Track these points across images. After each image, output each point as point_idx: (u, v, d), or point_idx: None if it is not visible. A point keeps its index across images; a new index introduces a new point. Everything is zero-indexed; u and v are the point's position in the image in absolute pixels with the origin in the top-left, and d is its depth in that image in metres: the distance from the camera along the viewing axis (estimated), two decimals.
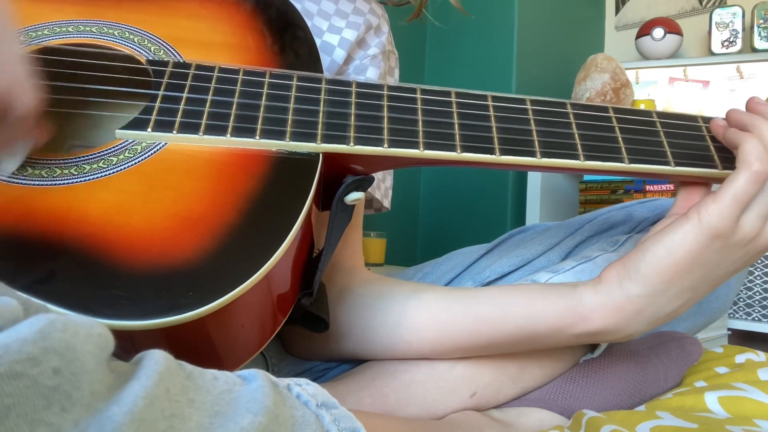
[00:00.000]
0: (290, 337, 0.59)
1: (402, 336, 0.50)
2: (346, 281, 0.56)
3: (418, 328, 0.50)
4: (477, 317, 0.49)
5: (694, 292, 0.45)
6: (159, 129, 0.42)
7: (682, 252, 0.43)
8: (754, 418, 0.47)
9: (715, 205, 0.42)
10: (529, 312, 0.48)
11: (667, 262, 0.43)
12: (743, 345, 0.68)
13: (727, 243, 0.43)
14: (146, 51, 0.48)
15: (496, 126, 0.46)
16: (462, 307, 0.50)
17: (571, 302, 0.47)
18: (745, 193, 0.42)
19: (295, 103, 0.45)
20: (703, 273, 0.44)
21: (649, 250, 0.44)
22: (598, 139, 0.47)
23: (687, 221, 0.43)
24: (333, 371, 0.59)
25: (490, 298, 0.50)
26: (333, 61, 0.62)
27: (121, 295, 0.33)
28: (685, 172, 0.47)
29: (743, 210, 0.42)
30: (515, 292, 0.49)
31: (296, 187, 0.41)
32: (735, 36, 1.85)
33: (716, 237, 0.42)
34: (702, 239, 0.42)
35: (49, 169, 0.39)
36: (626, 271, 0.45)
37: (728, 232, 0.42)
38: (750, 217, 0.43)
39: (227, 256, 0.36)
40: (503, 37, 1.71)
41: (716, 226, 0.42)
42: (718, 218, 0.42)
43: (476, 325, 0.49)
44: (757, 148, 0.42)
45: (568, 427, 0.48)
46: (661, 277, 0.44)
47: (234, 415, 0.26)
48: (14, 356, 0.20)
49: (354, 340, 0.53)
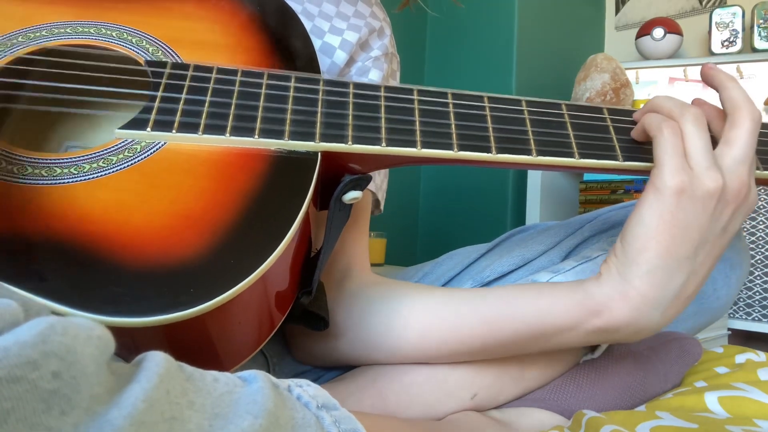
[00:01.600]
0: (294, 342, 0.59)
1: (408, 339, 0.50)
2: (350, 283, 0.56)
3: (424, 329, 0.50)
4: (484, 318, 0.48)
5: (691, 263, 0.44)
6: (158, 128, 0.42)
7: (654, 220, 0.43)
8: (754, 418, 0.47)
9: (660, 169, 0.43)
10: (536, 310, 0.47)
11: (647, 235, 0.44)
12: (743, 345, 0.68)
13: (694, 196, 0.43)
14: (144, 52, 0.48)
15: (492, 125, 0.46)
16: (469, 308, 0.49)
17: (578, 296, 0.46)
18: (674, 145, 0.43)
19: (293, 104, 0.45)
20: (689, 237, 0.43)
21: (628, 233, 0.45)
22: (593, 138, 0.48)
23: (647, 194, 0.44)
24: (333, 372, 0.59)
25: (496, 297, 0.49)
26: (333, 63, 0.62)
27: (121, 293, 0.33)
28: None
29: (684, 159, 0.43)
30: (522, 290, 0.49)
31: (295, 186, 0.41)
32: (735, 36, 1.85)
33: (678, 194, 0.43)
34: (666, 201, 0.43)
35: (49, 169, 0.39)
36: (618, 260, 0.45)
37: (687, 185, 0.43)
38: (700, 168, 0.43)
39: (227, 254, 0.36)
40: (503, 37, 1.71)
41: (672, 184, 0.43)
42: (669, 176, 0.43)
43: (483, 325, 0.48)
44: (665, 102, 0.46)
45: (568, 427, 0.48)
46: (650, 252, 0.44)
47: (234, 417, 0.26)
48: (14, 360, 0.20)
49: (359, 344, 0.52)
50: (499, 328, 0.48)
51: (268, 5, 0.53)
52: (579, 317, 0.46)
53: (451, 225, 1.81)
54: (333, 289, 0.55)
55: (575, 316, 0.46)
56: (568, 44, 1.97)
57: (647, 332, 0.46)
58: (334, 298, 0.54)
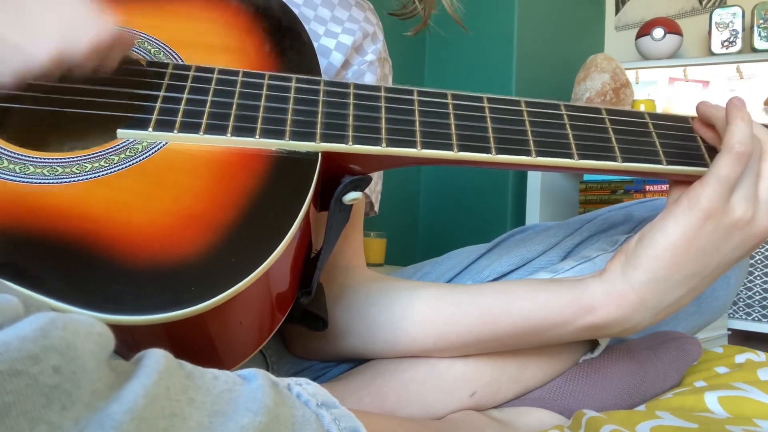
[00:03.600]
0: (291, 337, 0.59)
1: (407, 330, 0.51)
2: (349, 280, 0.56)
3: (423, 321, 0.50)
4: (482, 310, 0.49)
5: (695, 280, 0.45)
6: (160, 128, 0.42)
7: (676, 235, 0.44)
8: (754, 418, 0.47)
9: (701, 188, 0.44)
10: (534, 304, 0.48)
11: (664, 246, 0.44)
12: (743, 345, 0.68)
13: (720, 224, 0.43)
14: (146, 53, 0.48)
15: (492, 126, 0.47)
16: (467, 300, 0.50)
17: (575, 293, 0.47)
18: (728, 174, 0.43)
19: (294, 104, 0.45)
20: (702, 258, 0.44)
21: (647, 237, 0.45)
22: (592, 139, 0.48)
23: (678, 206, 0.45)
24: (333, 370, 0.59)
25: (494, 291, 0.50)
26: (330, 64, 0.63)
27: (123, 291, 0.33)
28: (677, 171, 0.48)
29: (730, 191, 0.43)
30: (520, 285, 0.50)
31: (296, 186, 0.41)
32: (735, 36, 1.85)
33: (707, 218, 0.43)
34: (694, 222, 0.43)
35: (50, 168, 0.39)
36: (627, 260, 0.46)
37: (718, 213, 0.43)
38: (738, 198, 0.44)
39: (228, 253, 0.36)
40: (503, 37, 1.71)
41: (705, 207, 0.43)
42: (705, 199, 0.43)
43: (481, 318, 0.49)
44: (740, 131, 0.43)
45: (568, 426, 0.49)
46: (661, 262, 0.44)
47: (234, 414, 0.26)
48: (15, 354, 0.20)
49: (357, 338, 0.53)
50: (496, 321, 0.49)
51: (270, 7, 0.54)
52: (575, 313, 0.47)
53: (451, 225, 1.81)
54: (334, 288, 0.55)
55: (571, 312, 0.47)
56: (568, 44, 1.97)
57: (634, 331, 0.47)
58: (336, 296, 0.55)
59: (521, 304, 0.48)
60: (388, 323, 0.51)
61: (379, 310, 0.52)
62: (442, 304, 0.51)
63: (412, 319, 0.51)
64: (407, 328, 0.51)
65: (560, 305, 0.47)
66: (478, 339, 0.50)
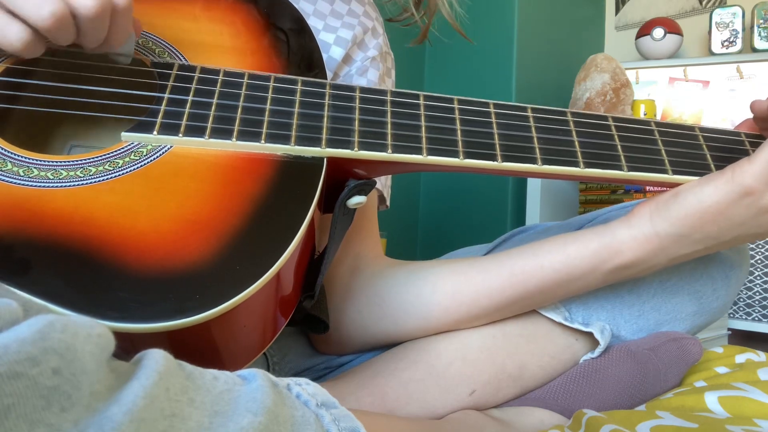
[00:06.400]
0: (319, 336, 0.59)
1: (440, 303, 0.52)
2: (374, 267, 0.58)
3: (454, 292, 0.52)
4: (512, 269, 0.51)
5: (713, 242, 0.48)
6: (165, 132, 0.42)
7: (710, 202, 0.46)
8: (754, 418, 0.47)
9: (749, 165, 0.45)
10: (565, 256, 0.50)
11: (696, 209, 0.46)
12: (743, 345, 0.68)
13: (755, 203, 0.45)
14: (151, 53, 0.48)
15: (498, 133, 0.47)
16: (495, 264, 0.52)
17: (604, 239, 0.49)
18: None
19: (300, 108, 0.45)
20: (727, 228, 0.46)
21: (681, 195, 0.47)
22: (598, 147, 0.48)
23: (721, 176, 0.46)
24: (334, 371, 0.59)
25: (521, 251, 0.52)
26: (330, 57, 0.63)
27: (127, 298, 0.33)
28: (683, 181, 0.48)
29: None
30: (547, 241, 0.52)
31: (301, 192, 0.41)
32: (735, 36, 1.85)
33: (746, 195, 0.45)
34: (732, 195, 0.45)
35: (54, 171, 0.39)
36: (657, 209, 0.48)
37: (758, 193, 0.45)
38: None
39: (233, 260, 0.36)
40: (503, 36, 1.71)
41: (747, 184, 0.45)
42: (750, 176, 0.45)
43: (511, 278, 0.51)
44: None
45: (568, 426, 0.49)
46: (688, 221, 0.47)
47: (234, 414, 0.26)
48: (14, 356, 0.20)
49: (390, 320, 0.54)
50: (527, 279, 0.50)
51: (275, 7, 0.53)
52: (604, 258, 0.49)
53: (451, 225, 1.81)
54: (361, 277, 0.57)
55: (601, 257, 0.49)
56: (568, 44, 1.97)
57: (651, 270, 0.51)
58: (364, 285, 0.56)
59: (552, 258, 0.50)
60: (420, 299, 0.53)
61: (409, 289, 0.53)
62: (472, 272, 0.52)
63: (443, 290, 0.52)
64: (439, 301, 0.52)
65: (590, 253, 0.49)
66: (510, 300, 0.51)
